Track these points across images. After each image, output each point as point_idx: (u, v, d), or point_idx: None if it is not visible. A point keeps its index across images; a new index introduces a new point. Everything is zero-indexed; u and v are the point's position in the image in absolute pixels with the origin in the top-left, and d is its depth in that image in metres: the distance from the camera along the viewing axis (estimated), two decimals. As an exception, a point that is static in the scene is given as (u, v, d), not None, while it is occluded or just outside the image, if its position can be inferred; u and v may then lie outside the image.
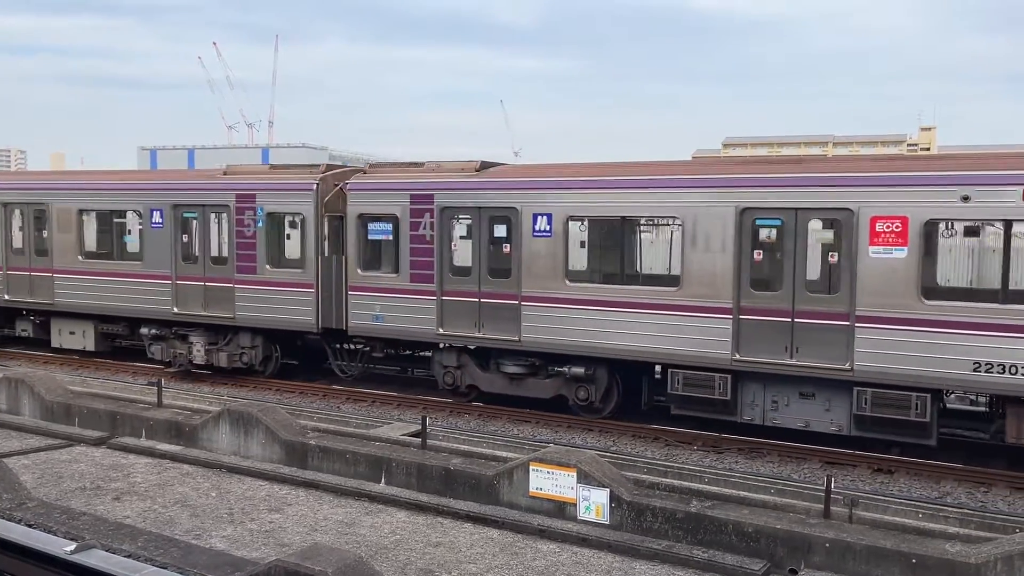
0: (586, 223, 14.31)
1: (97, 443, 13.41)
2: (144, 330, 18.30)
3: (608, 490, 9.70)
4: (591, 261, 14.88)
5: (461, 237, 15.27)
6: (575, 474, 9.88)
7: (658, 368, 14.05)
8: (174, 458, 12.59)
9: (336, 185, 16.24)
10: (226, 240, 17.32)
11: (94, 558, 4.10)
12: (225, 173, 17.68)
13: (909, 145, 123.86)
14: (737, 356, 12.65)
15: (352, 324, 15.96)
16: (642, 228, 14.88)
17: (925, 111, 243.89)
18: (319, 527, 9.96)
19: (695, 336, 12.93)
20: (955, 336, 11.36)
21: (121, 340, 19.59)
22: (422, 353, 16.64)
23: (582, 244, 14.54)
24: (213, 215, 17.42)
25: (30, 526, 7.81)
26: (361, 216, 15.79)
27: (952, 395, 13.21)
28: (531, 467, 10.17)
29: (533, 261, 14.17)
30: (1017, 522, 9.20)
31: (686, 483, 10.49)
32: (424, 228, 15.08)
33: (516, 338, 14.35)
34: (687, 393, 13.09)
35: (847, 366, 11.93)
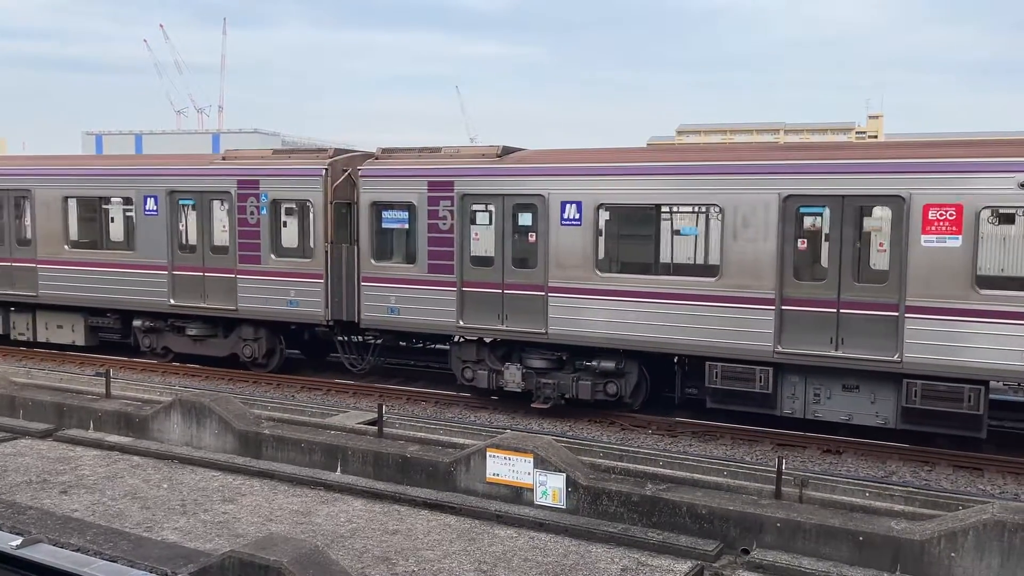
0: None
1: (43, 436, 13.11)
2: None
3: (564, 475, 9.77)
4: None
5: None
6: (532, 459, 9.93)
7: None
8: (124, 450, 12.36)
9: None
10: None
11: (41, 552, 3.98)
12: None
13: (857, 132, 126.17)
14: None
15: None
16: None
17: (873, 99, 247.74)
18: (274, 517, 9.87)
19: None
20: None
21: None
22: None
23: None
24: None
25: (-26, 521, 7.61)
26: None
27: None
28: (488, 453, 10.20)
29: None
30: (960, 499, 9.47)
31: (641, 467, 10.60)
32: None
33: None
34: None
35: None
